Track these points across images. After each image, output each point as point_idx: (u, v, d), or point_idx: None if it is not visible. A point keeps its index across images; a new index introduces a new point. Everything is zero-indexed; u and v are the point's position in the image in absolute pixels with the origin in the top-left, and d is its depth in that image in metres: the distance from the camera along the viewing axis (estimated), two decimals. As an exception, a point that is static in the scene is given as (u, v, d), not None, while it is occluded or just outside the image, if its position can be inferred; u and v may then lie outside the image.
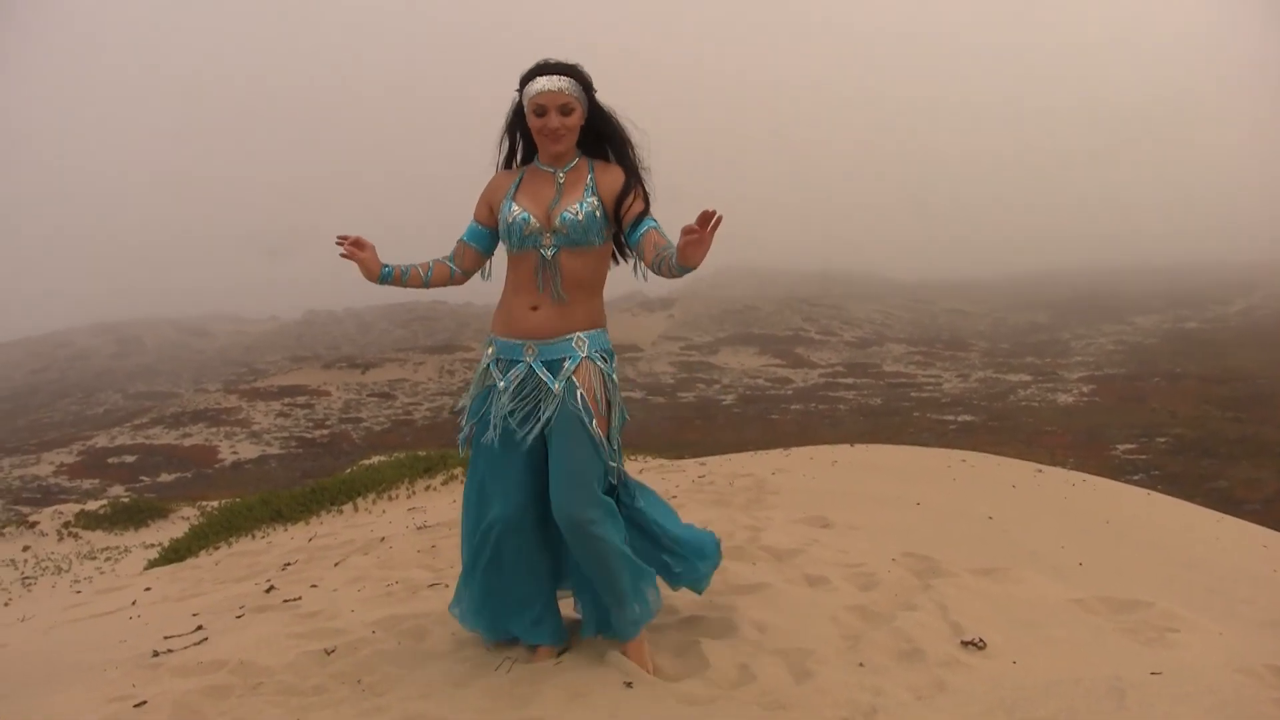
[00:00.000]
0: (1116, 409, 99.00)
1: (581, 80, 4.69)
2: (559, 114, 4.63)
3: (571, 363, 4.67)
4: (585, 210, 4.64)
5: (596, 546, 4.57)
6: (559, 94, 4.60)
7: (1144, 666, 4.60)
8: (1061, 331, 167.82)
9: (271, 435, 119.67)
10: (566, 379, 4.63)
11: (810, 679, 4.47)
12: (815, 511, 9.15)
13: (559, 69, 4.64)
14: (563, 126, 4.65)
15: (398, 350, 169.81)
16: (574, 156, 4.84)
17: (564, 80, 4.62)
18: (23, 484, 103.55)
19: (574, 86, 4.64)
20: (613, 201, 4.69)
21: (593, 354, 4.71)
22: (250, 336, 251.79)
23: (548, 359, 4.70)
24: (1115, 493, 13.86)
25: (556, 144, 4.71)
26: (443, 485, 23.05)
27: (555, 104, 4.61)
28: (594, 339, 4.75)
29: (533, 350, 4.72)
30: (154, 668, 5.44)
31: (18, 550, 35.99)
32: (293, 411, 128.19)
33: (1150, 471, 70.17)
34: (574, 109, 4.66)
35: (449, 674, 4.83)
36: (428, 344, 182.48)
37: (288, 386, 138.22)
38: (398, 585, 7.17)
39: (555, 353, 4.70)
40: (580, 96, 4.67)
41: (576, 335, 4.71)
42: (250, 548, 16.11)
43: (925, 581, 6.12)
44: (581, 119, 4.73)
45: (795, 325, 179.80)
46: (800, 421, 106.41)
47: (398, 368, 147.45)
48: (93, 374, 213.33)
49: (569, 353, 4.69)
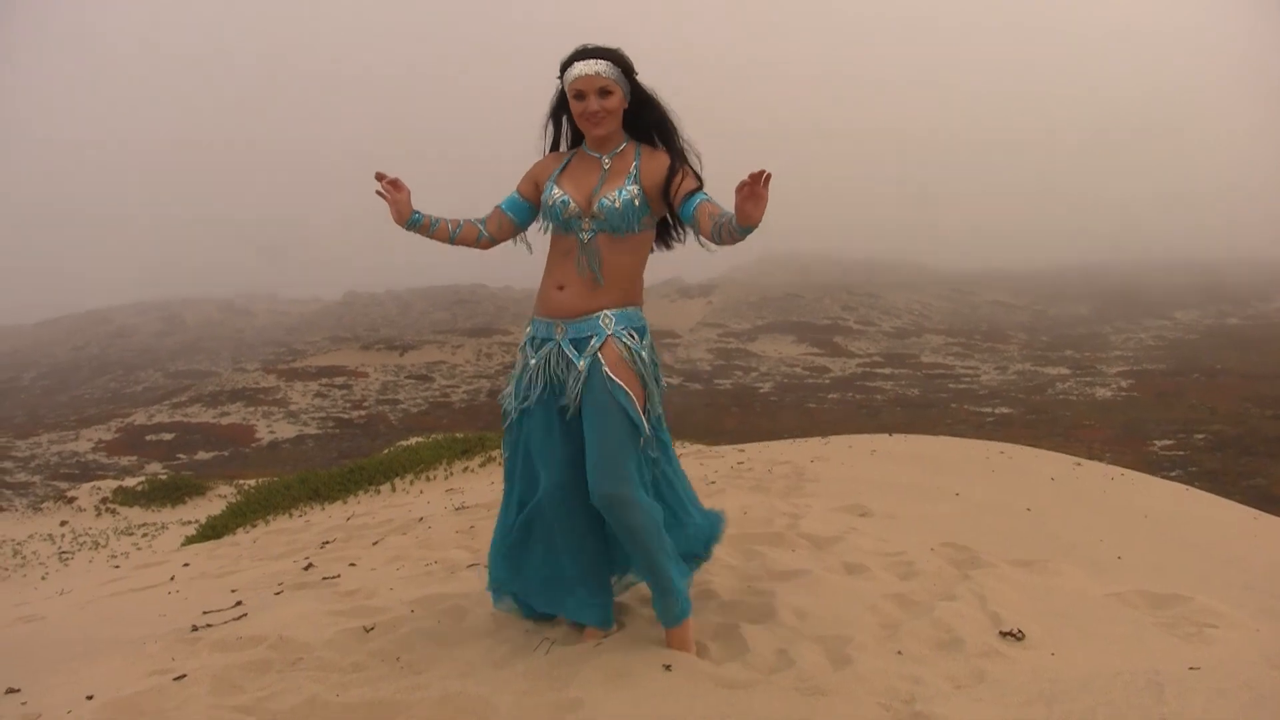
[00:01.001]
0: (1155, 404, 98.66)
1: (620, 63, 4.69)
2: (597, 97, 4.64)
3: (597, 340, 4.66)
4: (624, 198, 4.64)
5: (630, 524, 4.56)
6: (596, 77, 4.61)
7: (1182, 661, 4.59)
8: (1102, 325, 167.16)
9: (309, 415, 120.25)
10: (592, 356, 4.64)
11: (849, 666, 4.47)
12: (854, 500, 9.13)
13: (596, 53, 4.65)
14: (602, 109, 4.66)
15: (436, 333, 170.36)
16: (620, 141, 4.84)
17: (601, 63, 4.63)
18: (61, 459, 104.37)
19: (612, 69, 4.65)
20: (657, 188, 4.68)
21: (618, 331, 4.69)
22: (291, 317, 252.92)
23: (575, 337, 4.71)
24: (1153, 488, 13.80)
25: (597, 127, 4.72)
26: (480, 467, 23.13)
27: (593, 87, 4.63)
28: (621, 316, 4.73)
29: (562, 329, 4.74)
30: (193, 642, 5.47)
31: (55, 525, 36.29)
32: (330, 392, 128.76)
33: (1188, 468, 69.80)
34: (612, 92, 4.66)
35: (488, 654, 4.85)
36: (467, 327, 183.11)
37: (326, 367, 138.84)
38: (436, 565, 7.19)
39: (582, 330, 4.71)
40: (619, 79, 4.68)
41: (604, 313, 4.71)
42: (288, 526, 16.18)
43: (964, 572, 6.10)
44: (622, 102, 4.73)
45: (834, 314, 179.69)
46: (837, 411, 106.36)
47: (436, 350, 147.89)
48: (133, 352, 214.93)
49: (595, 330, 4.69)
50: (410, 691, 4.46)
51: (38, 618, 8.39)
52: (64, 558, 28.37)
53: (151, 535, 31.34)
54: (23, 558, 28.92)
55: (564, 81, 4.72)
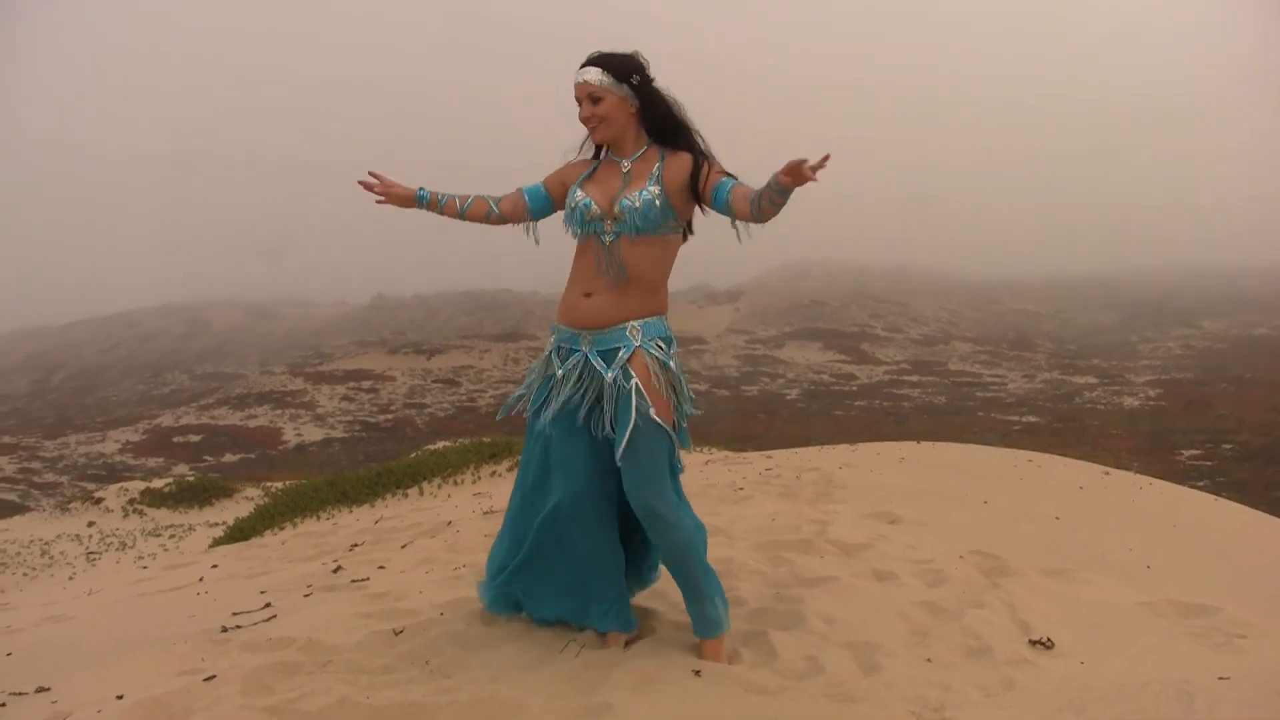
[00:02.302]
0: (1183, 414, 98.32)
1: (613, 69, 4.68)
2: (589, 103, 4.67)
3: (625, 351, 4.67)
4: (644, 199, 4.63)
5: (670, 534, 4.59)
6: (584, 85, 4.65)
7: (1212, 671, 4.58)
8: (1129, 334, 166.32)
9: (335, 419, 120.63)
10: (620, 368, 4.65)
11: (878, 672, 4.48)
12: (883, 507, 9.12)
13: (591, 59, 4.68)
14: (593, 116, 4.68)
15: (463, 337, 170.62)
16: (642, 146, 4.83)
17: (591, 70, 4.65)
18: (88, 460, 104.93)
19: (602, 76, 4.65)
20: (683, 187, 4.67)
21: (646, 343, 4.69)
22: (318, 320, 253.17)
23: (603, 348, 4.72)
24: (1182, 497, 13.73)
25: (593, 133, 4.77)
26: (508, 471, 23.17)
27: (584, 94, 4.67)
28: (648, 327, 4.73)
29: (588, 340, 4.75)
30: (223, 643, 5.48)
31: (83, 525, 36.41)
32: (357, 396, 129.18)
33: (1215, 478, 69.56)
34: (601, 98, 4.66)
35: (518, 658, 4.86)
36: (493, 332, 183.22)
37: (353, 370, 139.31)
38: (465, 568, 7.19)
39: (609, 342, 4.71)
40: (611, 85, 4.67)
41: (631, 324, 4.70)
42: (316, 529, 16.23)
43: (993, 580, 6.10)
44: (616, 107, 4.71)
45: (861, 321, 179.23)
46: (864, 418, 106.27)
47: (463, 354, 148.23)
48: (160, 354, 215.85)
49: (623, 341, 4.69)
50: (440, 694, 4.47)
51: (67, 617, 8.41)
52: (91, 558, 28.51)
53: (179, 537, 31.46)
54: (50, 557, 29.08)
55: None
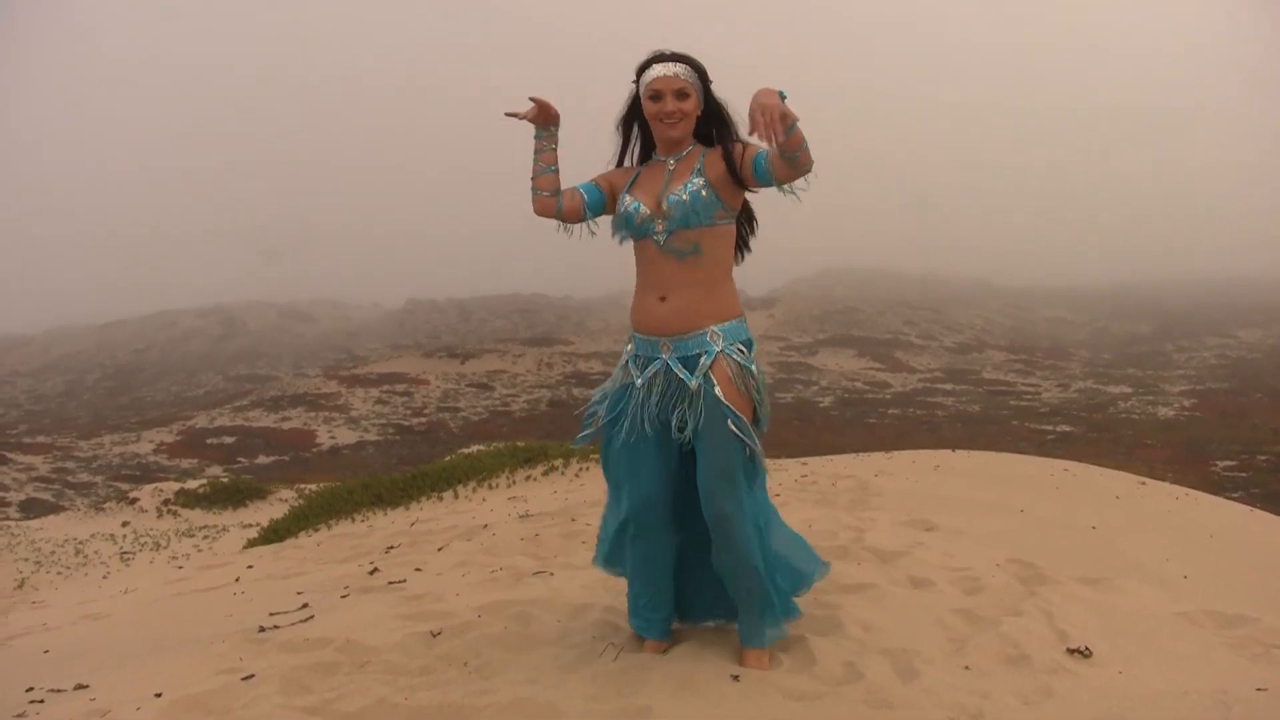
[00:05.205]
0: (1218, 424, 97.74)
1: (697, 69, 4.68)
2: (675, 98, 4.62)
3: (707, 358, 4.61)
4: (690, 190, 4.60)
5: (737, 542, 4.56)
6: (675, 78, 4.60)
7: (1250, 682, 4.56)
8: (1164, 343, 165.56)
9: (369, 422, 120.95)
10: (704, 375, 4.58)
11: (916, 679, 4.47)
12: (919, 515, 9.11)
13: (676, 56, 4.65)
14: (678, 110, 4.63)
15: (497, 341, 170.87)
16: (688, 146, 4.80)
17: (680, 66, 4.62)
18: (123, 461, 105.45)
19: (689, 73, 4.64)
20: (723, 176, 4.64)
21: (728, 348, 4.63)
22: (352, 323, 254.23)
23: (683, 355, 4.65)
24: (1218, 508, 13.68)
25: (672, 129, 4.69)
26: (543, 476, 23.16)
27: (671, 88, 4.61)
28: (729, 331, 4.67)
29: (668, 347, 4.68)
30: (260, 643, 5.51)
31: (117, 525, 36.63)
32: (391, 399, 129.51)
33: (1250, 489, 69.07)
34: (689, 94, 4.64)
35: (556, 660, 4.88)
36: (527, 336, 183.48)
37: (387, 374, 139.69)
38: (502, 571, 7.22)
39: (690, 348, 4.65)
40: (695, 83, 4.66)
41: (710, 329, 4.65)
42: (351, 530, 16.30)
43: (1030, 588, 6.08)
44: (696, 106, 4.70)
45: (895, 328, 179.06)
46: (898, 426, 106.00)
47: (497, 359, 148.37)
48: (195, 355, 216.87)
49: (704, 348, 4.63)
50: (479, 696, 4.48)
51: (103, 615, 8.47)
52: (125, 558, 28.68)
53: (213, 537, 31.63)
54: (84, 556, 29.26)
55: (640, 84, 4.71)
